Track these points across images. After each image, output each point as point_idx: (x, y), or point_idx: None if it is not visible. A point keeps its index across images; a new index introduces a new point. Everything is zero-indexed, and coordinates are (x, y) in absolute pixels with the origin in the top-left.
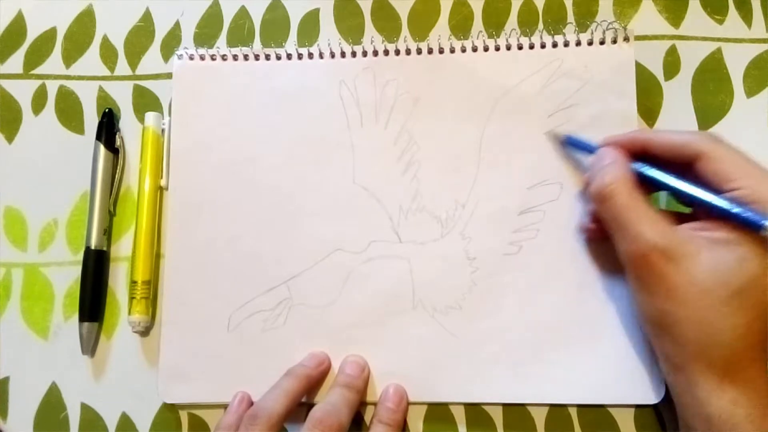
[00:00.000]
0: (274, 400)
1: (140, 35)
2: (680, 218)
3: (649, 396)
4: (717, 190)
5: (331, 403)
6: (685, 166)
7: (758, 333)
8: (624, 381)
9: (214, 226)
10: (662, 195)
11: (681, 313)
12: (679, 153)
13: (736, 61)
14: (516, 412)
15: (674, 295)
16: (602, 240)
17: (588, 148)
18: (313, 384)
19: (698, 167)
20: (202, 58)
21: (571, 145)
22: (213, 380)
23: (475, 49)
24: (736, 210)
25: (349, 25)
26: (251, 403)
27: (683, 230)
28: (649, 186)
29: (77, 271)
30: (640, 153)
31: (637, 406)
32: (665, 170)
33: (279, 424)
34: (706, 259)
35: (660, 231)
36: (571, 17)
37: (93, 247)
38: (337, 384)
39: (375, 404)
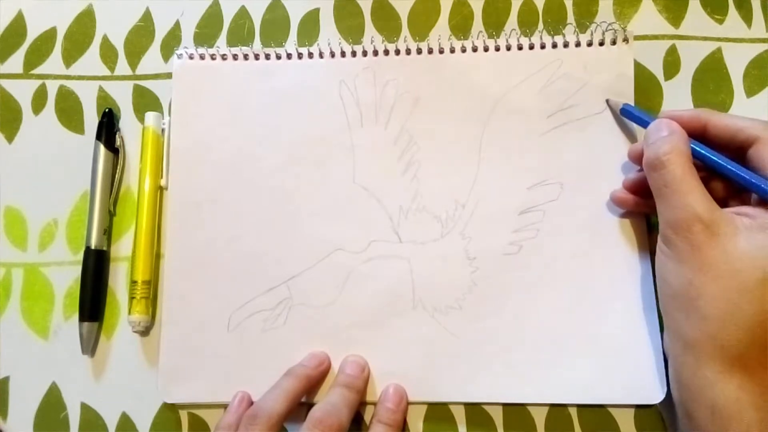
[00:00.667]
0: (273, 400)
1: (140, 35)
2: (730, 190)
3: (649, 396)
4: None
5: (330, 403)
6: (739, 151)
7: None
8: (624, 381)
9: (214, 226)
10: None
11: (708, 288)
12: (736, 136)
13: (736, 61)
14: (516, 412)
15: (707, 268)
16: (629, 209)
17: (644, 120)
18: (313, 384)
19: (752, 152)
20: (202, 57)
21: (628, 116)
22: (213, 380)
23: (475, 49)
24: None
25: (349, 25)
26: (251, 403)
27: (728, 211)
28: (702, 161)
29: (77, 271)
30: (698, 132)
31: (637, 406)
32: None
33: (279, 424)
34: (745, 240)
35: (707, 205)
36: (571, 18)
37: (93, 247)
38: (337, 384)
39: (375, 404)
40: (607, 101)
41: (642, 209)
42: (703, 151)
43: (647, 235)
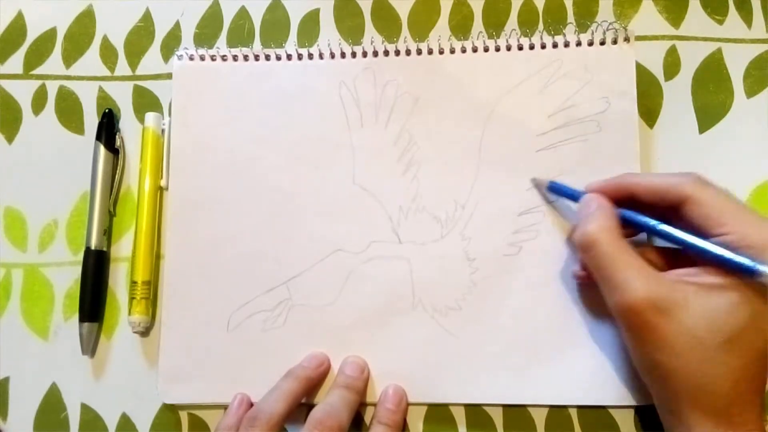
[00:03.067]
0: (273, 402)
1: (140, 35)
2: (668, 253)
3: (650, 397)
4: (705, 235)
5: (330, 403)
6: (672, 210)
7: (753, 377)
8: (624, 382)
9: (214, 226)
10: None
11: (674, 364)
12: (664, 197)
13: (736, 61)
14: (516, 412)
15: (666, 346)
16: (595, 286)
17: (573, 195)
18: (313, 385)
19: (685, 211)
20: (202, 58)
21: (556, 192)
22: (213, 380)
23: (475, 50)
24: (728, 255)
25: (349, 25)
26: (251, 405)
27: (671, 278)
28: (637, 229)
29: (77, 271)
30: (627, 198)
31: (637, 407)
32: (651, 215)
33: (279, 425)
34: (697, 306)
35: (647, 281)
36: (571, 17)
37: (93, 248)
38: (336, 385)
39: (375, 405)
40: (533, 180)
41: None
42: (635, 219)
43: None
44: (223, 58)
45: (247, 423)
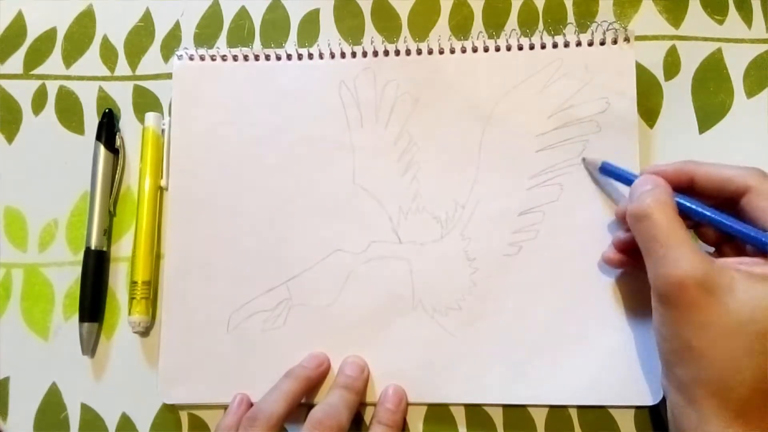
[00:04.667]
0: (273, 402)
1: (140, 35)
2: (718, 241)
3: (649, 397)
4: (762, 227)
5: (330, 404)
6: (729, 201)
7: None
8: (624, 382)
9: (214, 226)
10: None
11: (709, 348)
12: (725, 187)
13: (736, 62)
14: (516, 412)
15: (706, 328)
16: (624, 270)
17: (626, 177)
18: (313, 385)
19: (744, 203)
20: (202, 58)
21: (607, 173)
22: (213, 381)
23: (475, 50)
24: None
25: (349, 25)
26: (251, 405)
27: (722, 262)
28: (692, 218)
29: (77, 271)
30: (685, 185)
31: (637, 407)
32: (707, 205)
33: (278, 425)
34: (742, 294)
35: (699, 259)
36: (571, 17)
37: (93, 248)
38: (336, 385)
39: (375, 405)
40: (584, 159)
41: (634, 268)
42: (691, 206)
43: None
44: (223, 58)
45: (246, 423)
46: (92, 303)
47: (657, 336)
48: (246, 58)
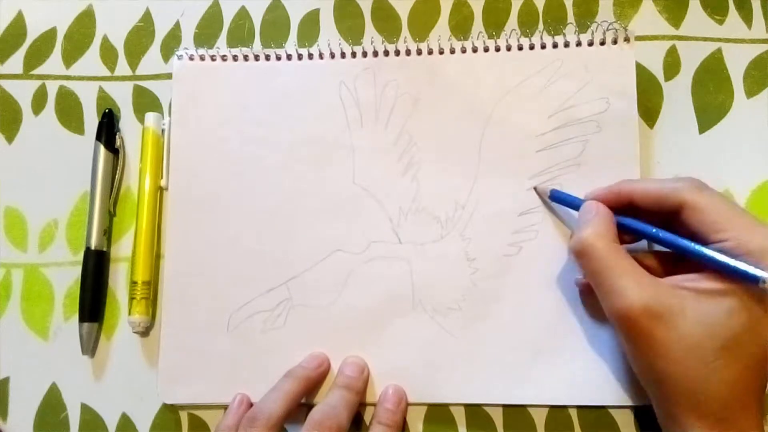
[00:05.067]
0: (273, 402)
1: (140, 35)
2: (668, 259)
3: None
4: (704, 241)
5: (330, 404)
6: (669, 216)
7: (749, 382)
8: (624, 382)
9: (214, 226)
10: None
11: (670, 370)
12: (663, 203)
13: (736, 62)
14: (516, 413)
15: (662, 352)
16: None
17: (573, 203)
18: (313, 385)
19: (683, 217)
20: (202, 58)
21: (557, 200)
22: (213, 381)
23: (475, 50)
24: (730, 263)
25: (349, 25)
26: (251, 405)
27: (667, 284)
28: (637, 236)
29: (77, 271)
30: (627, 205)
31: (637, 407)
32: (652, 222)
33: (278, 426)
34: (693, 312)
35: (643, 287)
36: (571, 18)
37: (93, 248)
38: (336, 385)
39: (374, 405)
40: (535, 188)
41: None
42: (633, 226)
43: None
44: (223, 58)
45: (246, 423)
46: (92, 303)
47: (629, 362)
48: (246, 58)
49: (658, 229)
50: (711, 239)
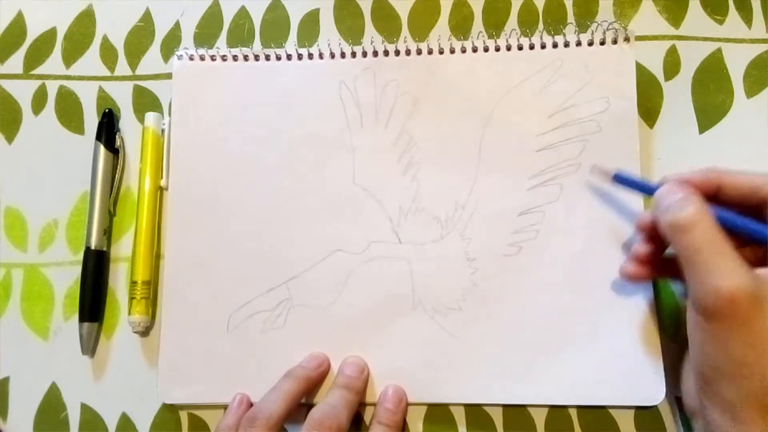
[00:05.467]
0: (272, 402)
1: (140, 35)
2: (756, 253)
3: (650, 397)
4: None
5: (330, 404)
6: (755, 209)
7: None
8: (624, 382)
9: (214, 226)
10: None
11: (762, 365)
12: (754, 194)
13: (736, 61)
14: (516, 413)
15: (756, 342)
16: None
17: (644, 187)
18: (313, 385)
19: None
20: (202, 58)
21: (622, 183)
22: (213, 381)
23: (475, 50)
24: None
25: (349, 25)
26: (251, 405)
27: (764, 273)
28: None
29: (77, 271)
30: (711, 193)
31: (638, 408)
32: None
33: (278, 425)
34: None
35: (746, 271)
36: (571, 17)
37: (93, 247)
38: (336, 385)
39: (374, 405)
40: (593, 168)
41: (657, 277)
42: (727, 216)
43: None
44: (223, 58)
45: (246, 423)
46: (92, 303)
47: (697, 355)
48: (246, 58)
49: (752, 220)
50: None
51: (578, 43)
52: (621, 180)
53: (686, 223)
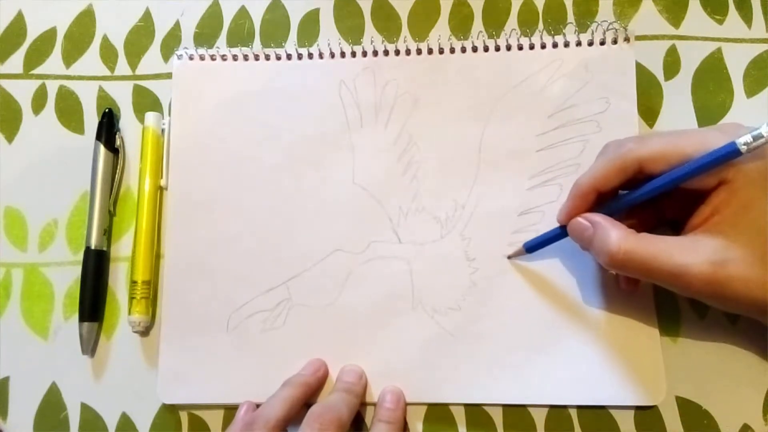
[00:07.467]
0: (270, 407)
1: (140, 35)
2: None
3: (650, 397)
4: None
5: (330, 401)
6: (631, 183)
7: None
8: (624, 382)
9: (214, 226)
10: None
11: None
12: (623, 177)
13: (736, 61)
14: (516, 412)
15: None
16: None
17: (554, 236)
18: (312, 391)
19: (643, 176)
20: (202, 58)
21: (536, 247)
22: (212, 381)
23: (475, 49)
24: (710, 153)
25: (349, 25)
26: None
27: (698, 234)
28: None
29: (77, 271)
30: (595, 200)
31: (638, 407)
32: (624, 191)
33: (278, 428)
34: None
35: (697, 251)
36: (571, 17)
37: (93, 247)
38: (336, 389)
39: (374, 405)
40: (509, 258)
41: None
42: (637, 194)
43: None
44: (223, 58)
45: (245, 427)
46: (92, 303)
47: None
48: (246, 58)
49: (637, 188)
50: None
51: (578, 43)
52: (534, 246)
53: (621, 260)
